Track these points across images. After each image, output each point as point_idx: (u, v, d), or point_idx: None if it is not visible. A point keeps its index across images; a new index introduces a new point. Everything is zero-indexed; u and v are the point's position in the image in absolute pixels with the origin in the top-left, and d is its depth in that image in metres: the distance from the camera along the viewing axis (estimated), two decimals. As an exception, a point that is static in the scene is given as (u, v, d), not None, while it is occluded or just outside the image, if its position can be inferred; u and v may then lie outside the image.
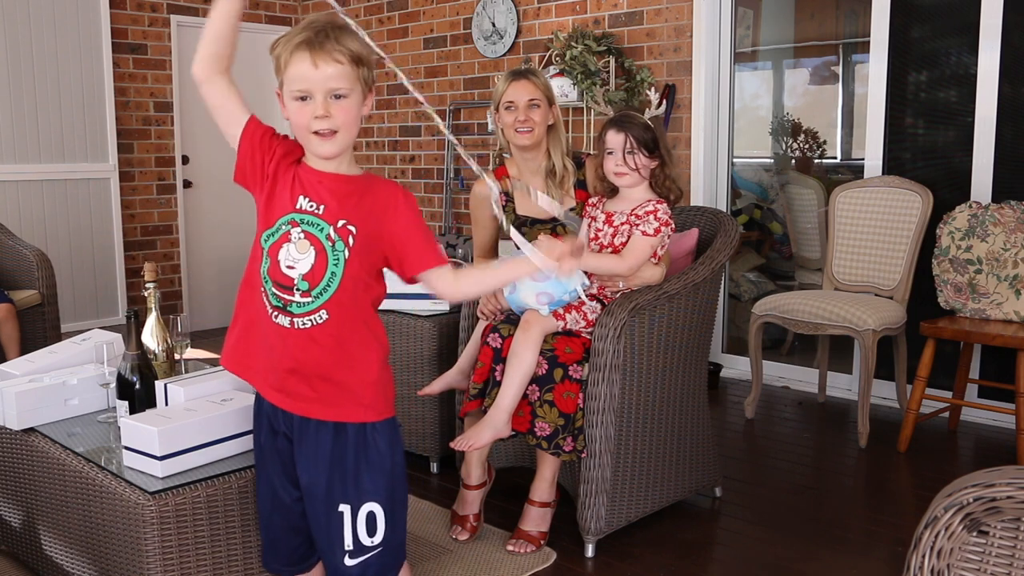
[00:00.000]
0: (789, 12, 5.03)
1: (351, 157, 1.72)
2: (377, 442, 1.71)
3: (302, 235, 1.63)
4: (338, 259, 1.64)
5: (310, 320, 1.65)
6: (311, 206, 1.64)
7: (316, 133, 1.63)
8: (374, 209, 1.67)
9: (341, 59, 1.61)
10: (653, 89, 4.47)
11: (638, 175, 2.62)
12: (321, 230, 1.63)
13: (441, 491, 3.14)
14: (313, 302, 1.64)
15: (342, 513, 1.70)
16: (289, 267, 1.63)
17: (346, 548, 1.71)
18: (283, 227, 1.64)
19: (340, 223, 1.64)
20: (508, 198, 2.91)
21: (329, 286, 1.64)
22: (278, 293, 1.65)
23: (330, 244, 1.63)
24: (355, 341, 1.68)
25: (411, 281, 1.74)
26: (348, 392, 1.69)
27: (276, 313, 1.66)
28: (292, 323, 1.65)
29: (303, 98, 1.62)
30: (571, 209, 2.85)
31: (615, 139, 2.61)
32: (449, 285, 1.71)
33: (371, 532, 1.72)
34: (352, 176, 1.70)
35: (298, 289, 1.64)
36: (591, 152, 2.97)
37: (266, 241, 1.65)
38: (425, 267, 1.69)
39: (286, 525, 1.80)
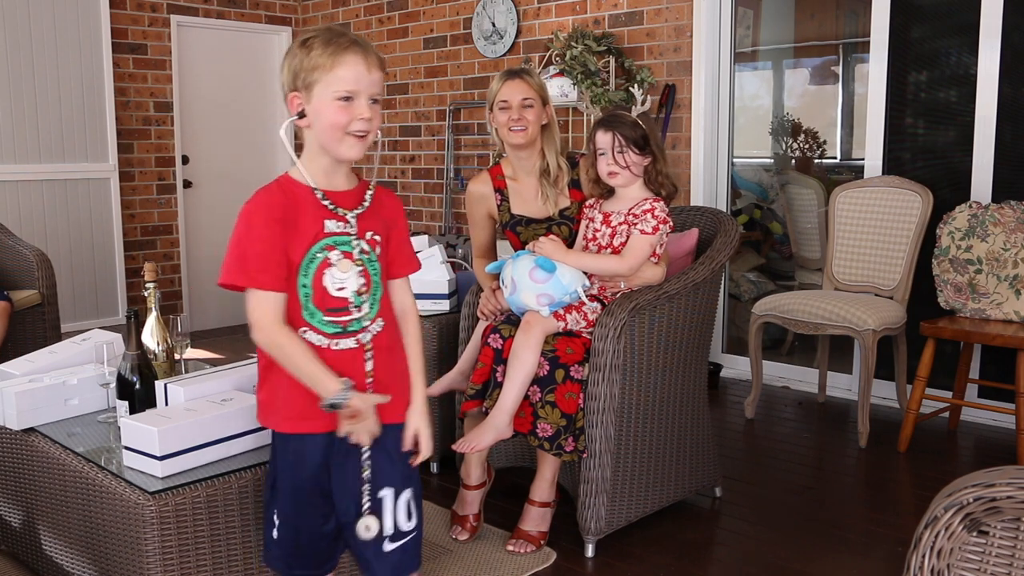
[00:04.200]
0: (789, 12, 5.03)
1: (350, 168, 1.76)
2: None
3: (341, 256, 1.68)
4: (375, 269, 1.73)
5: (371, 332, 1.72)
6: (338, 227, 1.69)
7: (352, 134, 1.65)
8: (387, 218, 1.76)
9: (382, 66, 1.70)
10: (637, 86, 4.47)
11: (630, 173, 2.62)
12: (354, 246, 1.69)
13: (441, 491, 3.14)
14: (370, 313, 1.71)
15: (383, 498, 1.75)
16: (339, 289, 1.68)
17: (386, 533, 1.76)
18: (319, 254, 1.67)
19: (368, 235, 1.71)
20: (503, 197, 2.91)
21: (376, 295, 1.73)
22: (332, 319, 1.69)
23: (365, 256, 1.71)
24: (398, 340, 1.78)
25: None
26: (402, 391, 1.78)
27: (335, 340, 1.69)
28: (359, 341, 1.70)
29: (347, 99, 1.64)
30: (565, 208, 2.84)
31: (604, 139, 2.62)
32: (407, 290, 1.84)
33: (408, 517, 1.78)
34: (357, 188, 1.75)
35: (355, 306, 1.70)
36: (586, 152, 2.97)
37: (305, 275, 1.67)
38: (406, 273, 1.81)
39: (315, 529, 1.78)
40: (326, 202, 1.68)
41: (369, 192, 1.74)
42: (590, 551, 2.66)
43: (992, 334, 3.36)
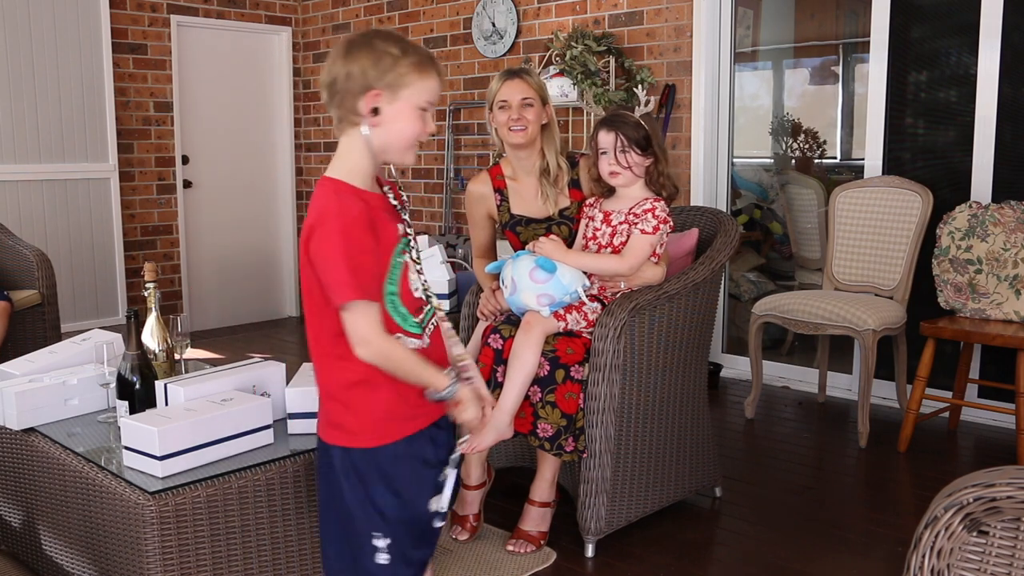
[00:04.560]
0: (789, 12, 5.03)
1: None
2: None
3: (410, 258, 1.73)
4: (421, 263, 1.78)
5: (434, 322, 1.78)
6: (404, 229, 1.73)
7: (418, 144, 1.70)
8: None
9: None
10: (641, 87, 4.48)
11: (631, 173, 2.62)
12: (412, 246, 1.74)
13: (441, 491, 3.14)
14: (432, 306, 1.78)
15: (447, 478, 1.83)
16: (415, 289, 1.73)
17: (444, 510, 1.81)
18: (399, 259, 1.69)
19: (412, 232, 1.76)
20: (503, 197, 2.91)
21: (428, 289, 1.79)
22: (418, 319, 1.72)
23: (417, 255, 1.76)
24: None
25: None
26: None
27: (423, 338, 1.73)
28: (434, 331, 1.77)
29: (424, 110, 1.66)
30: (565, 208, 2.84)
31: (606, 139, 2.61)
32: None
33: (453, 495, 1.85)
34: (391, 189, 1.78)
35: (429, 304, 1.75)
36: (585, 152, 2.97)
37: (391, 281, 1.67)
38: None
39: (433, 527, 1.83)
40: (395, 203, 1.71)
41: (400, 191, 1.78)
42: (590, 551, 2.66)
43: (992, 334, 3.36)
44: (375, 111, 1.62)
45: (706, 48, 4.55)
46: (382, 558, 1.71)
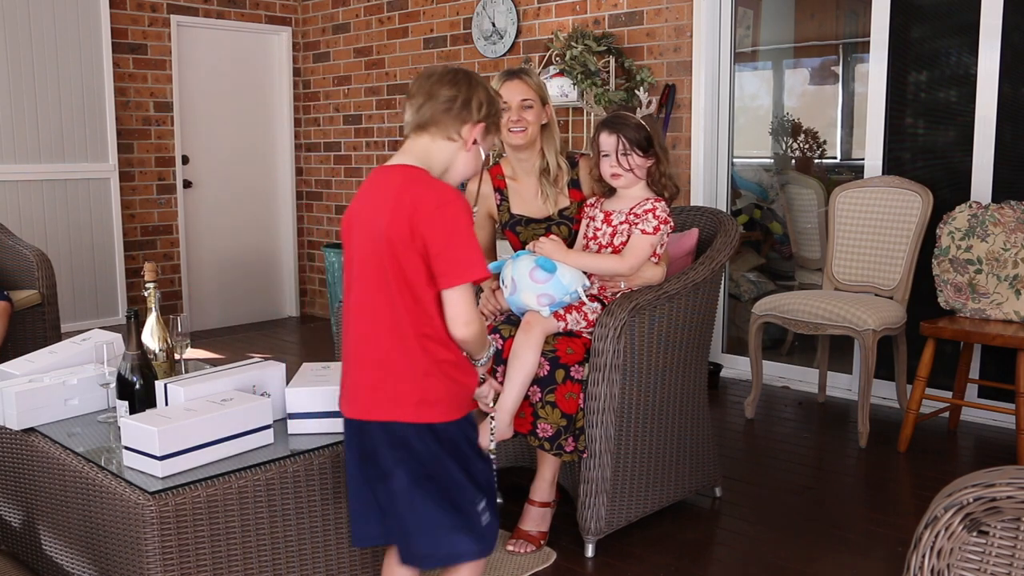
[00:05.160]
0: (789, 12, 5.03)
1: None
2: None
3: None
4: None
5: None
6: None
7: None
8: None
9: None
10: (643, 88, 4.47)
11: (633, 175, 2.62)
12: None
13: (441, 491, 3.13)
14: None
15: None
16: None
17: None
18: None
19: None
20: (503, 197, 2.91)
21: None
22: None
23: None
24: None
25: None
26: None
27: None
28: None
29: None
30: (565, 208, 2.84)
31: (608, 141, 2.61)
32: None
33: None
34: None
35: None
36: (585, 152, 2.97)
37: None
38: None
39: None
40: None
41: None
42: (590, 551, 2.66)
43: (992, 334, 3.36)
44: (474, 141, 1.80)
45: (706, 48, 4.55)
46: (484, 519, 1.82)
